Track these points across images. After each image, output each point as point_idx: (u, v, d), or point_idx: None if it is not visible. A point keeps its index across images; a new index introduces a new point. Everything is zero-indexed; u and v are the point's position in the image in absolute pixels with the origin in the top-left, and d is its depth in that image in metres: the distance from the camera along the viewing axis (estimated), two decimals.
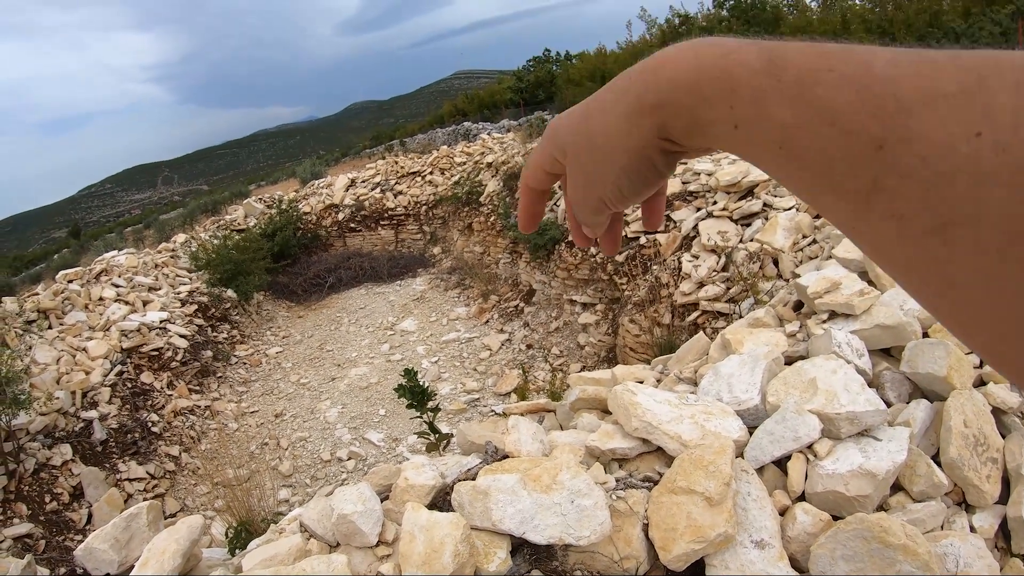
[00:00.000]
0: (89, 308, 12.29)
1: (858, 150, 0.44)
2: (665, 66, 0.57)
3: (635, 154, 0.62)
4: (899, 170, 0.42)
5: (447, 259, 18.25)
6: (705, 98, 0.54)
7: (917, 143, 0.41)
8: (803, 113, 0.47)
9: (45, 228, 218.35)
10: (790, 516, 2.98)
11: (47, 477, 8.55)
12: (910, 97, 0.42)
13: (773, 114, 0.49)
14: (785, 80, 0.48)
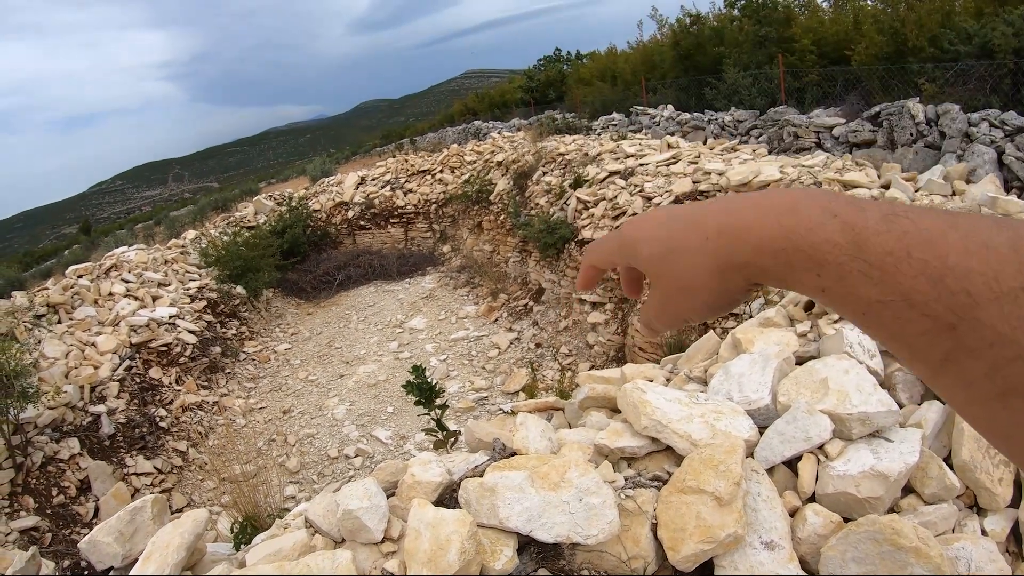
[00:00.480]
0: (98, 303, 12.31)
1: (935, 330, 0.51)
2: (751, 231, 0.63)
3: (722, 295, 0.70)
4: (968, 350, 0.49)
5: (456, 257, 18.25)
6: (792, 267, 0.60)
7: (984, 330, 0.48)
8: (886, 295, 0.53)
9: (56, 224, 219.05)
10: (800, 517, 2.96)
11: (54, 471, 8.56)
12: (979, 293, 0.48)
13: (858, 291, 0.55)
14: (869, 263, 0.54)
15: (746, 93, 16.85)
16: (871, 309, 0.55)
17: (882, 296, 0.53)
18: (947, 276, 0.49)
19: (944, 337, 0.50)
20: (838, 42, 16.40)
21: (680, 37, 21.57)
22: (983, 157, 9.35)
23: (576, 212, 12.22)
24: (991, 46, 11.48)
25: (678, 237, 0.71)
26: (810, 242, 0.58)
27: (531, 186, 15.42)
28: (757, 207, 0.64)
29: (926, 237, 0.51)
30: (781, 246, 0.60)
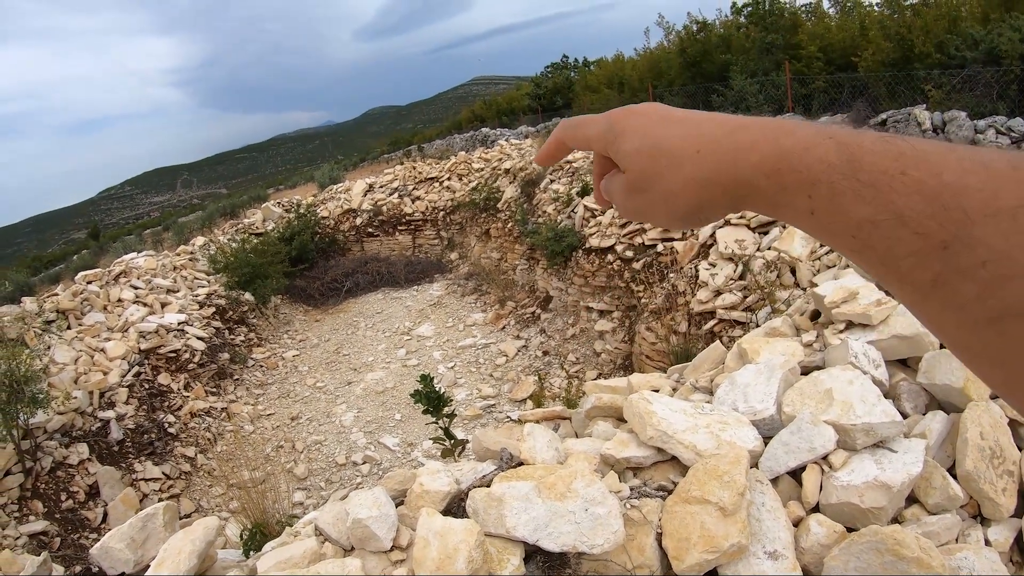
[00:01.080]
0: (108, 309, 12.36)
1: (926, 249, 0.49)
2: (748, 150, 0.62)
3: (696, 210, 0.69)
4: (962, 270, 0.47)
5: (464, 265, 18.27)
6: (784, 187, 0.59)
7: (979, 248, 0.46)
8: (877, 213, 0.52)
9: (65, 229, 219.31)
10: (804, 527, 2.98)
11: (63, 475, 8.60)
12: (975, 209, 0.47)
13: (849, 210, 0.54)
14: (862, 181, 0.53)
15: (753, 100, 16.85)
16: (861, 230, 0.54)
17: (873, 215, 0.52)
18: (943, 193, 0.49)
19: (935, 257, 0.49)
20: (845, 48, 16.39)
21: (687, 44, 21.56)
22: None
23: (583, 220, 12.24)
24: (998, 52, 11.48)
25: (671, 141, 0.69)
26: (805, 162, 0.58)
27: (538, 194, 15.44)
28: (755, 127, 0.64)
29: (923, 157, 0.51)
30: (776, 166, 0.60)
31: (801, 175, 0.57)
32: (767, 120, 0.64)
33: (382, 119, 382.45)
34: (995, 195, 0.46)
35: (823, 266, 6.88)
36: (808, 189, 0.57)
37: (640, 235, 10.38)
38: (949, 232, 0.48)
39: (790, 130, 0.61)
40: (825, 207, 0.56)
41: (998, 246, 0.45)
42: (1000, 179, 0.47)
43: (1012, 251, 0.44)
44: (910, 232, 0.50)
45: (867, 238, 0.53)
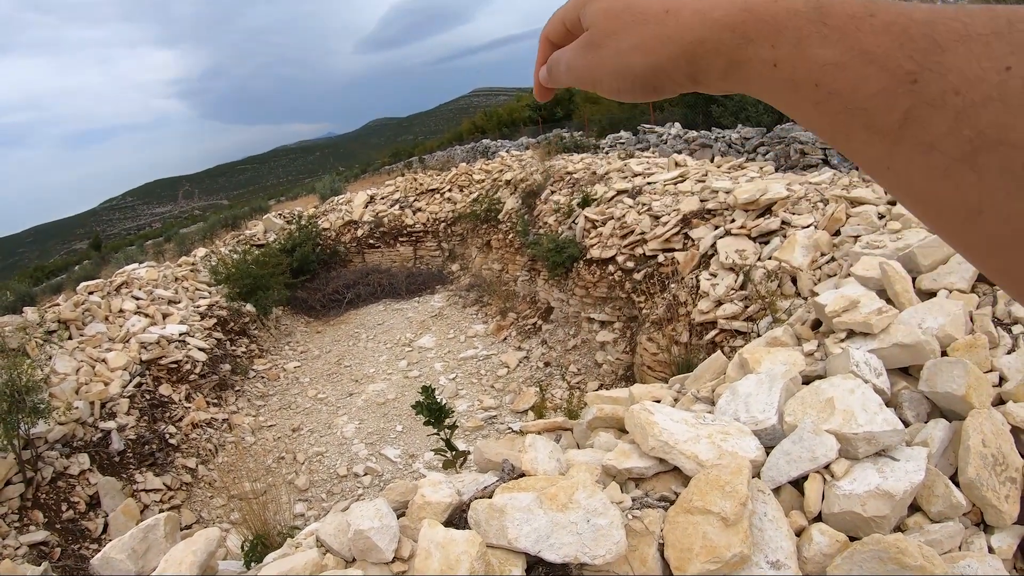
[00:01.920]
0: (109, 320, 12.36)
1: (893, 84, 0.47)
2: (717, 8, 0.59)
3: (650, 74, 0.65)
4: (932, 101, 0.45)
5: (465, 276, 18.28)
6: (749, 38, 0.56)
7: (950, 75, 0.44)
8: (843, 53, 0.50)
9: (66, 239, 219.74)
10: (806, 537, 2.98)
11: (64, 486, 8.60)
12: (945, 37, 0.45)
13: (814, 54, 0.52)
14: (829, 24, 0.51)
15: (753, 110, 16.91)
16: (825, 73, 0.52)
17: (839, 57, 0.51)
18: (911, 28, 0.47)
19: (904, 91, 0.47)
20: None
21: None
22: None
23: (584, 231, 12.25)
24: None
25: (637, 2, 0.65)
26: (771, 11, 0.55)
27: (539, 205, 15.45)
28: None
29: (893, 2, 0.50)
30: (741, 18, 0.57)
31: (767, 24, 0.55)
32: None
33: (383, 131, 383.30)
34: (966, 25, 0.45)
35: (824, 275, 6.88)
36: (772, 38, 0.55)
37: (641, 246, 10.38)
38: (918, 63, 0.46)
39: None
40: (788, 55, 0.54)
41: (970, 71, 0.44)
42: (971, 13, 0.46)
43: (986, 74, 0.43)
44: (877, 68, 0.48)
45: (831, 83, 0.51)
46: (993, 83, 0.42)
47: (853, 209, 7.65)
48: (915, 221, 6.90)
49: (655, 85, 0.66)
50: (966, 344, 3.98)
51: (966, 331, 4.19)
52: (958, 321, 4.15)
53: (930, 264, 5.03)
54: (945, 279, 4.86)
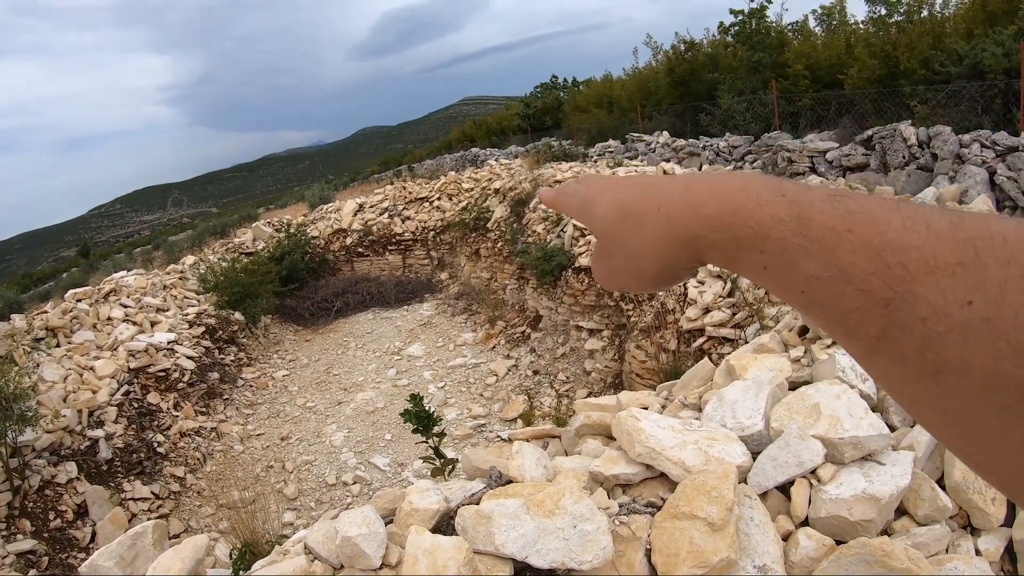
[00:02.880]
0: (97, 327, 12.34)
1: (869, 305, 0.51)
2: (705, 205, 0.64)
3: (666, 269, 0.71)
4: (902, 326, 0.49)
5: (454, 284, 18.29)
6: (738, 241, 0.61)
7: (919, 305, 0.48)
8: (824, 270, 0.54)
9: (55, 246, 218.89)
10: (793, 541, 2.99)
11: (52, 494, 8.57)
12: (915, 266, 0.49)
13: (798, 266, 0.56)
14: (810, 237, 0.55)
15: (741, 118, 16.95)
16: (809, 285, 0.55)
17: (820, 271, 0.54)
18: (885, 250, 0.51)
19: (878, 312, 0.50)
20: (831, 66, 16.50)
21: (675, 63, 21.69)
22: (975, 178, 9.41)
23: (573, 239, 12.27)
24: (982, 67, 11.58)
25: (634, 202, 0.73)
26: (756, 218, 0.59)
27: (528, 213, 15.47)
28: (712, 185, 0.65)
29: (868, 215, 0.53)
30: (730, 221, 0.61)
31: (753, 230, 0.59)
32: (728, 175, 0.66)
33: (373, 139, 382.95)
34: (934, 253, 0.48)
35: None
36: (760, 244, 0.59)
37: None
38: (891, 289, 0.50)
39: (744, 186, 0.62)
40: (776, 262, 0.58)
41: (936, 303, 0.47)
42: (940, 238, 0.49)
43: (948, 307, 0.47)
44: (854, 288, 0.52)
45: (815, 293, 0.55)
46: (955, 318, 0.46)
47: None
48: None
49: (672, 277, 0.73)
50: None
51: None
52: None
53: None
54: None
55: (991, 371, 0.45)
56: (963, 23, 13.95)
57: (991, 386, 0.45)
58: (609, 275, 0.78)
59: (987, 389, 0.45)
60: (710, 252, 0.65)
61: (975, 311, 0.45)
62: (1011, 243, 0.46)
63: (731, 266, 0.64)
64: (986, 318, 0.45)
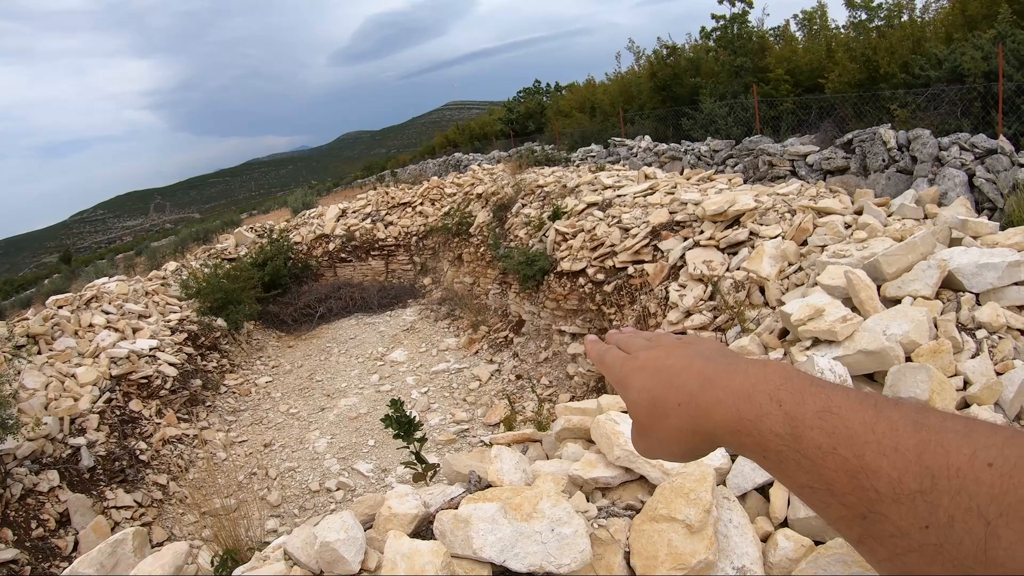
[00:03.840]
0: (79, 334, 12.27)
1: (850, 516, 0.60)
2: (715, 411, 0.75)
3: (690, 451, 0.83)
4: (875, 536, 0.58)
5: (437, 290, 18.28)
6: (744, 446, 0.72)
7: (887, 524, 0.57)
8: (814, 481, 0.63)
9: (36, 253, 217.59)
10: (772, 542, 3.00)
11: (33, 503, 8.51)
12: (885, 492, 0.57)
13: (794, 475, 0.66)
14: (802, 452, 0.64)
15: (722, 123, 17.02)
16: (803, 492, 0.65)
17: (811, 483, 0.63)
18: (860, 474, 0.59)
19: (857, 523, 0.59)
20: (812, 71, 16.62)
21: (657, 68, 21.76)
22: (954, 180, 9.48)
23: (555, 244, 12.28)
24: (961, 70, 11.68)
25: (659, 396, 0.83)
26: (758, 429, 0.69)
27: (511, 218, 15.48)
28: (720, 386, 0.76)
29: (849, 435, 0.61)
30: (736, 428, 0.71)
31: (755, 439, 0.69)
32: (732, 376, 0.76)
33: (356, 144, 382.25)
34: (900, 480, 0.56)
35: (792, 285, 6.93)
36: (762, 452, 0.69)
37: (611, 258, 10.41)
38: (866, 507, 0.58)
39: (746, 394, 0.72)
40: (776, 468, 0.68)
41: (900, 524, 0.55)
42: (906, 465, 0.57)
43: (910, 530, 0.55)
44: (837, 501, 0.61)
45: (809, 499, 0.65)
46: (915, 539, 0.54)
47: (820, 219, 7.72)
48: (880, 230, 6.97)
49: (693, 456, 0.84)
50: (930, 350, 4.03)
51: (930, 337, 4.24)
52: (922, 327, 4.20)
53: (894, 272, 5.08)
54: (909, 286, 4.91)
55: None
56: (943, 27, 14.08)
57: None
58: (647, 451, 0.88)
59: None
60: (722, 443, 0.77)
61: (930, 536, 0.54)
62: (962, 474, 0.54)
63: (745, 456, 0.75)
64: (938, 544, 0.53)
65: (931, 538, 0.53)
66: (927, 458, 0.56)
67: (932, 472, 0.55)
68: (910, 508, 0.55)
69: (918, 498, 0.55)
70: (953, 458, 0.55)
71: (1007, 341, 4.39)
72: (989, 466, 0.53)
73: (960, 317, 4.66)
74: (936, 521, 0.53)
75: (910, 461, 0.57)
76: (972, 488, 0.53)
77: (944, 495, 0.53)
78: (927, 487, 0.55)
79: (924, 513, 0.54)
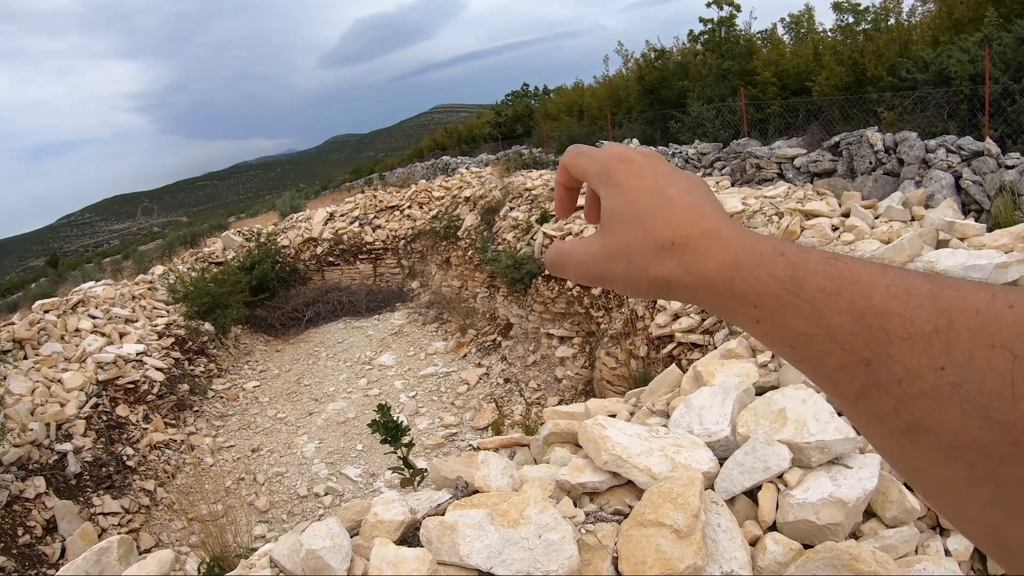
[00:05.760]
0: (65, 339, 12.22)
1: (851, 364, 0.55)
2: (713, 257, 0.66)
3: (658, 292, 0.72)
4: (880, 385, 0.53)
5: (425, 293, 18.28)
6: (735, 296, 0.64)
7: (896, 367, 0.52)
8: (812, 327, 0.57)
9: (23, 256, 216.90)
10: (761, 546, 2.99)
11: (20, 510, 8.47)
12: (894, 331, 0.52)
13: (790, 323, 0.59)
14: (803, 297, 0.58)
15: (710, 126, 17.05)
16: (797, 340, 0.58)
17: (809, 329, 0.57)
18: (868, 314, 0.54)
19: (859, 371, 0.54)
20: (799, 74, 16.66)
21: (645, 71, 21.79)
22: (941, 182, 9.51)
23: (543, 247, 12.28)
24: (947, 73, 11.73)
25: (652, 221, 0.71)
26: (756, 275, 0.62)
27: (498, 221, 15.49)
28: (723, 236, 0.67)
29: (857, 279, 0.56)
30: (731, 275, 0.64)
31: (751, 286, 0.62)
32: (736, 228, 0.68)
33: (344, 147, 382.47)
34: (912, 320, 0.52)
35: None
36: (756, 300, 0.62)
37: None
38: (871, 350, 0.53)
39: (749, 245, 0.65)
40: (769, 317, 0.61)
41: (911, 366, 0.51)
42: (919, 306, 0.52)
43: (922, 371, 0.50)
44: (838, 347, 0.55)
45: (803, 348, 0.59)
46: (928, 381, 0.50)
47: (807, 222, 7.74)
48: (868, 232, 6.98)
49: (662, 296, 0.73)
50: None
51: None
52: None
53: None
54: None
55: (959, 432, 0.48)
56: (929, 31, 14.14)
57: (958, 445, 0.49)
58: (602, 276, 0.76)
59: (955, 448, 0.49)
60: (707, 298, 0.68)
61: (946, 376, 0.49)
62: (982, 314, 0.49)
63: (724, 314, 0.68)
64: (955, 383, 0.48)
65: (947, 378, 0.49)
66: (942, 301, 0.52)
67: (948, 313, 0.51)
68: (924, 347, 0.51)
69: (933, 337, 0.50)
70: (971, 300, 0.51)
71: None
72: (1011, 307, 0.49)
73: None
74: (953, 360, 0.49)
75: (923, 303, 0.52)
76: (994, 327, 0.49)
77: (963, 333, 0.50)
78: (943, 326, 0.51)
79: (939, 352, 0.50)
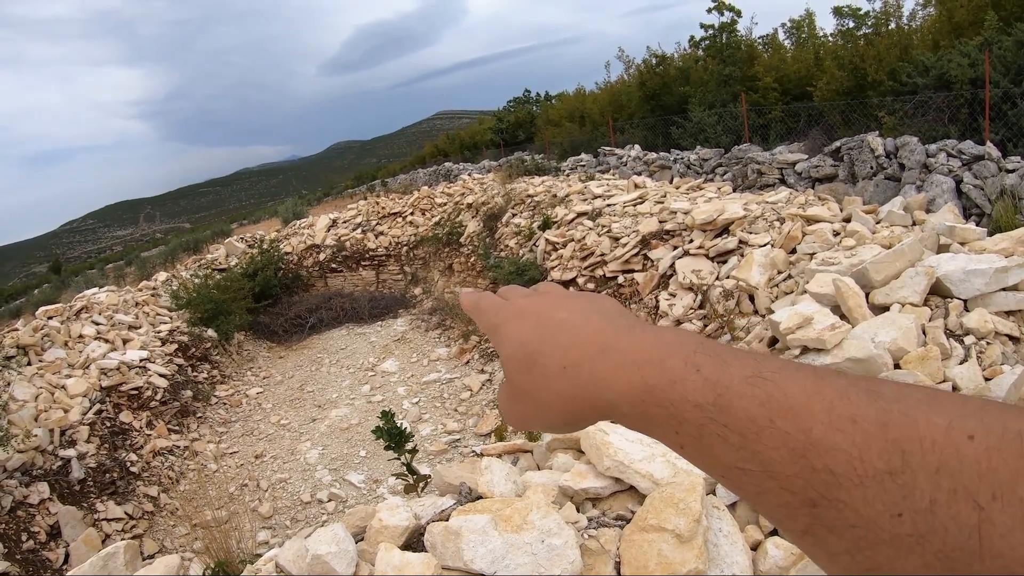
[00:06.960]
0: (69, 345, 12.23)
1: (795, 504, 0.49)
2: (614, 379, 0.61)
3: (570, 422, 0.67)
4: (830, 528, 0.47)
5: (428, 300, 18.26)
6: (651, 421, 0.58)
7: (848, 512, 0.46)
8: (745, 462, 0.51)
9: (25, 262, 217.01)
10: (762, 551, 3.01)
11: (24, 515, 8.48)
12: (843, 473, 0.46)
13: (717, 454, 0.53)
14: (730, 427, 0.52)
15: (711, 131, 17.07)
16: (730, 474, 0.53)
17: (741, 463, 0.51)
18: (809, 451, 0.48)
19: (804, 512, 0.48)
20: (800, 79, 16.68)
21: (646, 77, 21.82)
22: (942, 187, 9.52)
23: (545, 253, 12.30)
24: (948, 77, 11.75)
25: (542, 351, 0.69)
26: (670, 398, 0.56)
27: (501, 228, 15.51)
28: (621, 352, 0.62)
29: (790, 404, 0.50)
30: (641, 397, 0.58)
31: (667, 411, 0.56)
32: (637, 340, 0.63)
33: (346, 153, 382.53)
34: (861, 458, 0.46)
35: (781, 293, 6.95)
36: (675, 426, 0.56)
37: (601, 267, 10.44)
38: (817, 492, 0.47)
39: (657, 360, 0.59)
40: (694, 445, 0.55)
41: (865, 513, 0.45)
42: (867, 439, 0.47)
43: (878, 519, 0.45)
44: (778, 486, 0.49)
45: (737, 482, 0.53)
46: (885, 530, 0.44)
47: (809, 227, 7.75)
48: (869, 237, 7.00)
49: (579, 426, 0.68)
50: (918, 356, 4.05)
51: (918, 344, 4.26)
52: (910, 334, 4.21)
53: (882, 279, 5.10)
54: (897, 293, 4.93)
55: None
56: (929, 35, 14.16)
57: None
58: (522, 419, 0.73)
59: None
60: (623, 420, 0.61)
61: (904, 525, 0.44)
62: (939, 448, 0.44)
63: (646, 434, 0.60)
64: (915, 535, 0.43)
65: (906, 528, 0.43)
66: (893, 431, 0.46)
67: (901, 447, 0.45)
68: (878, 492, 0.45)
69: (887, 480, 0.44)
70: (924, 430, 0.45)
71: (995, 347, 4.42)
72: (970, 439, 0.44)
73: (948, 323, 4.69)
74: (912, 507, 0.43)
75: (872, 435, 0.46)
76: (954, 465, 0.43)
77: (920, 475, 0.44)
78: (897, 466, 0.45)
79: (896, 498, 0.44)
